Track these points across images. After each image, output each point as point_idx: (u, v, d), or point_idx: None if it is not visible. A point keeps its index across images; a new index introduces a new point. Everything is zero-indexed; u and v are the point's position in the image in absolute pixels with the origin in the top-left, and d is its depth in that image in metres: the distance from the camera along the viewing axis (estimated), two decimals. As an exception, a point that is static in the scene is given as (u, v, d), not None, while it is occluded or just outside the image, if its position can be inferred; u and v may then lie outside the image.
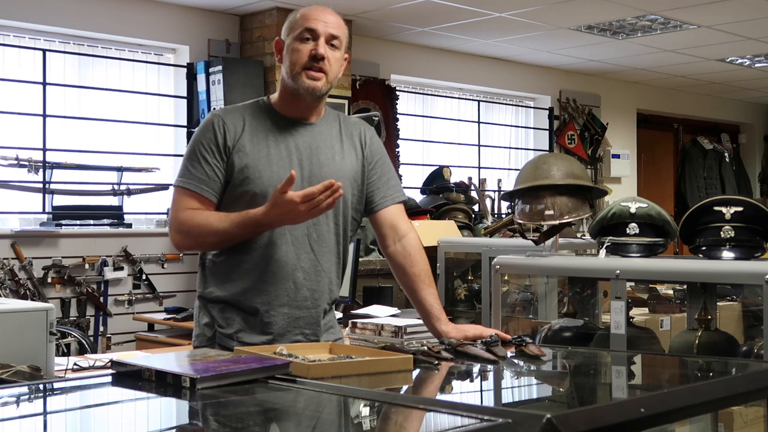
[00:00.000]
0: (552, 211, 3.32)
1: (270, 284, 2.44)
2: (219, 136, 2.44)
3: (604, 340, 3.25)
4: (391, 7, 6.15)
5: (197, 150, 2.46)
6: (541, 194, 3.35)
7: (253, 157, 2.44)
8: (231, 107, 2.56)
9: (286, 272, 2.44)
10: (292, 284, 2.45)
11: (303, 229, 2.46)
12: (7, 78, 5.48)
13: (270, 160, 2.45)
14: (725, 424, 3.05)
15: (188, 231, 2.43)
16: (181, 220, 2.43)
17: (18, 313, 2.35)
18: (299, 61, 2.47)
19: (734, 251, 3.15)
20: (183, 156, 2.53)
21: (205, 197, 2.44)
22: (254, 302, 2.44)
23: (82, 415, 1.79)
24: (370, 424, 1.65)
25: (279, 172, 2.43)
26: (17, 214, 5.48)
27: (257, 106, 2.55)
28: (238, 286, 2.45)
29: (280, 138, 2.48)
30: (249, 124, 2.48)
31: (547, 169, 3.39)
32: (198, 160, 2.45)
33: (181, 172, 2.48)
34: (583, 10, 6.43)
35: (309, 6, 2.53)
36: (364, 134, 2.63)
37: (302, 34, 2.47)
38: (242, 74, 6.02)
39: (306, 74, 2.46)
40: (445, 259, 5.70)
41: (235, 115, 2.50)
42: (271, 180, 2.42)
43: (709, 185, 10.41)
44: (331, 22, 2.51)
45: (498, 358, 2.16)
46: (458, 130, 8.09)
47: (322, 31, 2.48)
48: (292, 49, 2.48)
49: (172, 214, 2.48)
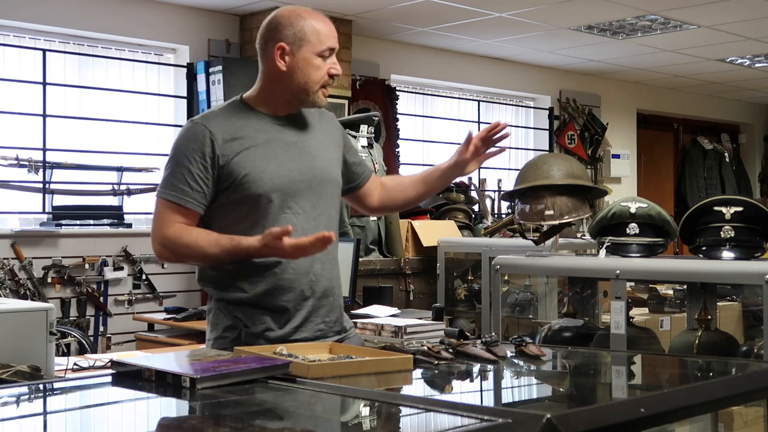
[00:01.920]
0: (552, 211, 3.32)
1: (292, 280, 2.46)
2: (206, 146, 2.41)
3: (604, 340, 3.25)
4: (391, 7, 6.14)
5: (180, 161, 2.42)
6: (541, 194, 3.36)
7: (250, 159, 2.43)
8: (211, 113, 2.52)
9: (305, 266, 2.47)
10: (313, 276, 2.49)
11: (311, 221, 2.49)
12: (7, 78, 5.47)
13: (267, 160, 2.44)
14: (725, 424, 3.06)
15: (175, 249, 2.42)
16: (167, 236, 2.41)
17: (18, 313, 2.35)
18: (319, 79, 2.48)
19: (734, 251, 3.15)
20: (165, 166, 2.49)
21: (190, 209, 2.41)
22: (279, 300, 2.46)
23: (82, 415, 1.79)
24: (370, 424, 1.65)
25: (278, 170, 2.44)
26: (17, 214, 5.48)
27: (236, 107, 2.52)
28: (261, 286, 2.45)
29: (270, 136, 2.48)
30: (237, 127, 2.46)
31: (547, 169, 3.40)
32: (181, 170, 2.41)
33: (164, 183, 2.44)
34: (583, 10, 6.43)
35: (313, 13, 2.51)
36: (330, 119, 2.69)
37: (324, 52, 2.47)
38: (242, 74, 6.01)
39: (322, 92, 2.49)
40: (445, 259, 5.71)
41: (219, 121, 2.46)
42: (271, 180, 2.43)
43: (709, 185, 10.40)
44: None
45: (498, 358, 2.16)
46: (458, 130, 8.09)
47: (335, 49, 2.52)
48: (311, 65, 2.46)
49: (156, 225, 2.44)
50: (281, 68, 2.47)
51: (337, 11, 6.21)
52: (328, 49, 2.48)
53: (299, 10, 2.51)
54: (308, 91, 2.47)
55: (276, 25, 2.50)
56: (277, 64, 2.47)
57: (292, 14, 2.50)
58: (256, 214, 2.43)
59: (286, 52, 2.46)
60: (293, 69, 2.46)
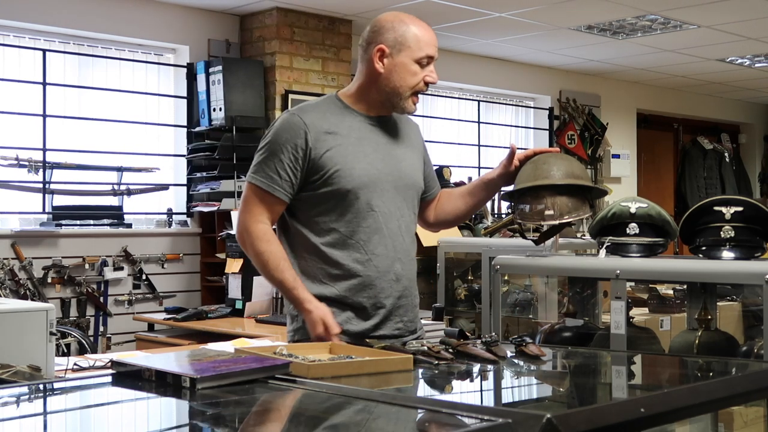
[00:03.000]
0: (552, 211, 3.32)
1: (375, 279, 2.52)
2: (300, 138, 2.47)
3: (604, 340, 3.25)
4: (391, 7, 6.15)
5: (274, 149, 2.49)
6: (541, 194, 3.35)
7: (342, 155, 2.49)
8: (307, 105, 2.59)
9: (387, 265, 2.53)
10: (394, 275, 2.55)
11: (395, 221, 2.55)
12: (7, 78, 5.48)
13: (357, 158, 2.51)
14: (725, 424, 3.05)
15: (250, 246, 2.50)
16: (250, 230, 2.49)
17: (18, 313, 2.35)
18: (414, 85, 2.54)
19: (734, 251, 3.15)
20: (257, 151, 2.55)
21: (277, 197, 2.49)
22: (361, 298, 2.51)
23: (82, 415, 1.79)
24: (370, 424, 1.65)
25: (368, 168, 2.51)
26: (17, 214, 5.48)
27: (332, 103, 2.59)
28: (344, 284, 2.51)
29: (362, 135, 2.55)
30: (331, 123, 2.52)
31: (547, 169, 3.39)
32: (273, 159, 2.48)
33: (255, 169, 2.52)
34: (583, 10, 6.43)
35: (416, 21, 2.58)
36: (416, 129, 2.80)
37: (423, 59, 2.53)
38: (242, 74, 6.02)
39: (413, 99, 2.56)
40: (445, 259, 5.71)
41: (315, 115, 2.53)
42: (361, 177, 2.49)
43: (709, 185, 10.40)
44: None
45: (498, 358, 2.16)
46: (458, 130, 8.09)
47: (434, 57, 2.56)
48: (408, 70, 2.52)
49: (243, 211, 2.52)
50: (379, 70, 2.53)
51: (337, 11, 6.21)
52: (427, 57, 2.54)
53: (402, 15, 2.58)
54: (401, 95, 2.53)
55: (379, 28, 2.56)
56: (375, 66, 2.53)
57: (395, 19, 2.57)
58: (343, 208, 2.50)
59: (386, 54, 2.53)
60: (390, 72, 2.52)
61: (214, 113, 5.95)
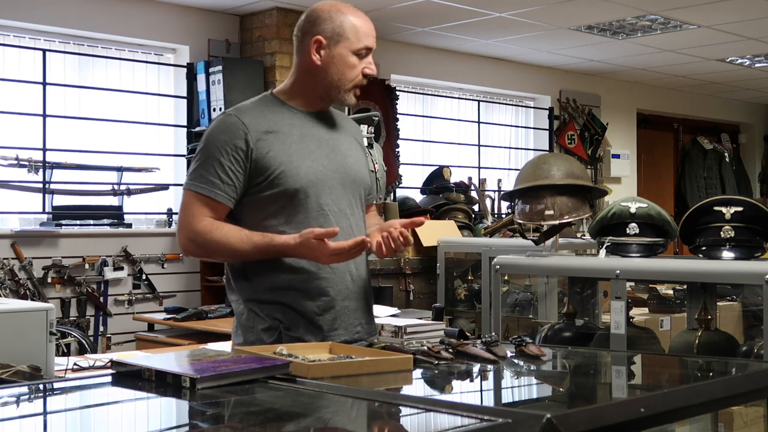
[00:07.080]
0: (552, 211, 3.32)
1: (331, 281, 2.41)
2: (239, 139, 2.35)
3: (604, 340, 3.25)
4: (391, 7, 6.15)
5: (212, 152, 2.36)
6: (541, 194, 3.35)
7: (286, 154, 2.38)
8: (243, 106, 2.47)
9: (343, 267, 2.42)
10: (349, 277, 2.45)
11: (346, 220, 2.45)
12: (7, 78, 5.48)
13: (302, 156, 2.40)
14: (725, 424, 3.06)
15: (204, 244, 2.36)
16: (196, 231, 2.36)
17: (18, 313, 2.34)
18: (353, 78, 2.43)
19: (734, 251, 3.15)
20: (193, 157, 2.44)
21: (220, 203, 2.36)
22: (318, 301, 2.40)
23: (82, 415, 1.79)
24: (370, 424, 1.65)
25: (313, 166, 2.40)
26: (17, 214, 5.48)
27: (268, 101, 2.48)
28: (299, 287, 2.39)
29: (304, 131, 2.44)
30: (270, 121, 2.41)
31: (547, 169, 3.39)
32: (212, 163, 2.35)
33: (193, 175, 2.38)
34: (583, 10, 6.43)
35: (354, 10, 2.46)
36: (353, 124, 2.66)
37: (361, 51, 2.43)
38: (242, 74, 6.02)
39: (354, 92, 2.45)
40: (445, 259, 5.71)
41: (253, 114, 2.42)
42: (308, 176, 2.38)
43: (709, 185, 10.40)
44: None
45: (498, 358, 2.16)
46: (458, 130, 8.09)
47: (373, 48, 2.47)
48: (346, 63, 2.42)
49: (184, 219, 2.39)
50: (316, 62, 2.42)
51: (337, 11, 6.21)
52: (365, 48, 2.43)
53: (340, 5, 2.45)
54: (340, 88, 2.43)
55: (315, 18, 2.44)
56: (312, 58, 2.42)
57: (332, 8, 2.44)
58: (291, 210, 2.38)
59: (323, 46, 2.41)
60: (328, 64, 2.42)
61: (214, 113, 5.95)
